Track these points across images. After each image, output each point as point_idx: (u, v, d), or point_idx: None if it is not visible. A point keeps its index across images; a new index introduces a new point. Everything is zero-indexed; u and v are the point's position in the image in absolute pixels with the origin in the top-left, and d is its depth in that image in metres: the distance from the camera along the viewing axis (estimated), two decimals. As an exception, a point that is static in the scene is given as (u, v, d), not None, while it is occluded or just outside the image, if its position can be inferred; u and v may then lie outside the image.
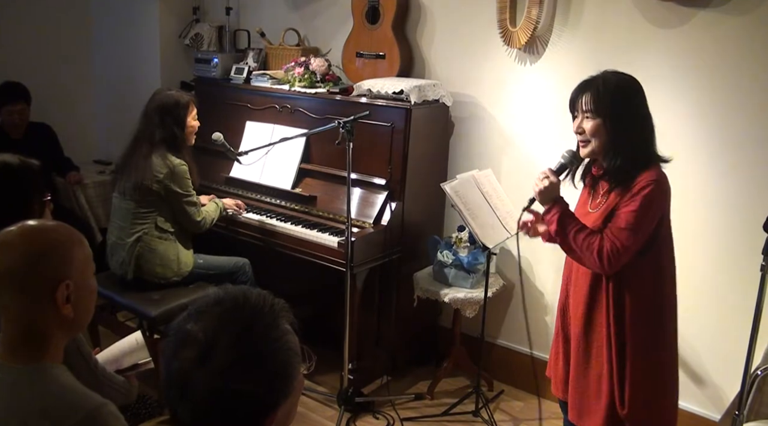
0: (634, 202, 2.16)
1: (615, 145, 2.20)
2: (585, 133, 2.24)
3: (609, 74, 2.25)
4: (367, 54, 3.80)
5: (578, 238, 2.22)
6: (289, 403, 1.13)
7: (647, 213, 2.16)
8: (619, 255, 2.16)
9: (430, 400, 3.55)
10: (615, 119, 2.19)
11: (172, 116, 3.29)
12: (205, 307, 1.12)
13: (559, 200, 2.29)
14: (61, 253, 1.47)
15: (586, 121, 2.23)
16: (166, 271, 3.30)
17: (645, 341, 2.25)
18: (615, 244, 2.16)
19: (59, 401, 1.40)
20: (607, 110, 2.19)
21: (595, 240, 2.19)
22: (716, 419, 2.98)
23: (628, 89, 2.23)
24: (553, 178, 2.29)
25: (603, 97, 2.19)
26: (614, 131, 2.19)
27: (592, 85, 2.23)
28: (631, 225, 2.15)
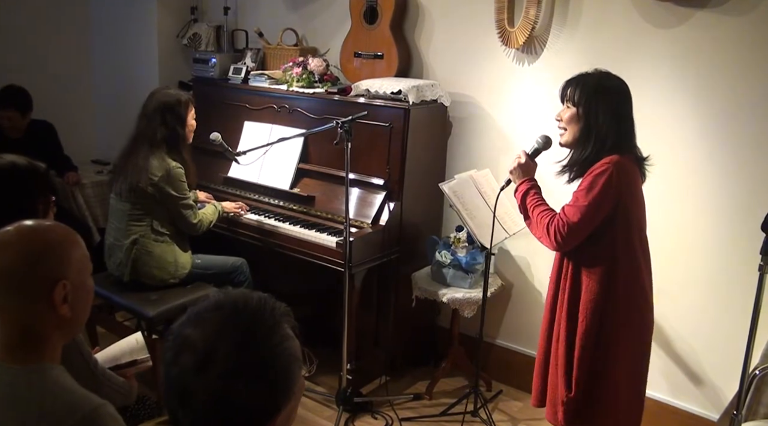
0: (584, 181, 2.31)
1: (585, 138, 2.34)
2: (562, 121, 2.41)
3: (598, 72, 2.40)
4: (365, 54, 3.80)
5: (535, 212, 2.41)
6: (290, 408, 1.13)
7: (595, 192, 2.26)
8: (565, 231, 2.29)
9: (429, 400, 3.55)
10: (589, 113, 2.32)
11: (174, 114, 3.28)
12: (204, 311, 1.11)
13: (531, 178, 2.49)
14: (58, 253, 1.46)
15: (566, 109, 2.39)
16: (162, 273, 3.30)
17: (592, 327, 2.34)
18: (561, 219, 2.31)
19: (57, 402, 1.39)
20: (584, 103, 2.33)
21: (548, 215, 2.36)
22: (715, 419, 2.99)
23: (610, 88, 2.35)
24: (524, 159, 2.51)
25: (584, 90, 2.34)
26: (587, 125, 2.33)
27: (580, 78, 2.38)
28: (578, 202, 2.29)
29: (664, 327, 3.19)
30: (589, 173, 2.30)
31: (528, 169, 2.54)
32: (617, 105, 2.34)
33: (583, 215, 2.27)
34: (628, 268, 2.35)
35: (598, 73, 2.39)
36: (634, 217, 2.35)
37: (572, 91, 2.38)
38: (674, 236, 3.08)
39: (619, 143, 2.32)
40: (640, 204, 2.40)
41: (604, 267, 2.32)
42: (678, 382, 3.20)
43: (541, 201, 2.45)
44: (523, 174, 2.53)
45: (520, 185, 2.52)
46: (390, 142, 3.40)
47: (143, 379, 2.68)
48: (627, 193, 2.30)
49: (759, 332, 2.24)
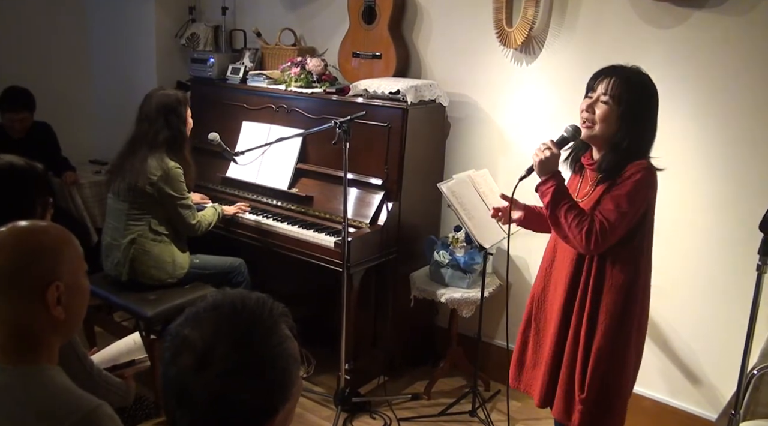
0: (624, 185, 2.19)
1: (619, 138, 2.22)
2: (594, 115, 2.23)
3: (638, 69, 2.25)
4: (364, 54, 3.80)
5: (569, 214, 2.23)
6: (288, 409, 1.12)
7: (636, 197, 2.19)
8: (606, 235, 2.19)
9: (427, 400, 3.55)
10: (630, 114, 2.19)
11: (176, 114, 3.29)
12: (203, 311, 1.11)
13: (557, 174, 2.28)
14: (51, 254, 1.46)
15: (601, 104, 2.22)
16: (160, 273, 3.29)
17: (613, 328, 2.30)
18: (603, 224, 2.18)
19: (55, 403, 1.39)
20: (628, 102, 2.19)
21: (585, 218, 2.21)
22: (713, 419, 2.99)
23: (652, 91, 2.25)
24: (555, 150, 2.27)
25: (630, 88, 2.19)
26: (624, 125, 2.20)
27: (623, 72, 2.22)
28: (620, 206, 2.19)
29: (662, 327, 3.19)
30: (627, 178, 2.20)
31: (556, 161, 2.29)
32: (655, 107, 2.25)
33: (623, 220, 2.19)
34: (647, 272, 2.34)
35: (638, 71, 2.25)
36: (653, 222, 2.33)
37: (615, 86, 2.19)
38: (673, 236, 3.08)
39: (649, 148, 2.28)
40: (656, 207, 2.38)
41: (628, 271, 2.27)
42: (676, 382, 3.20)
43: (573, 201, 2.28)
44: (549, 167, 2.29)
45: (548, 180, 2.28)
46: (388, 142, 3.40)
47: (141, 380, 2.68)
48: (654, 198, 2.28)
49: (757, 332, 2.24)
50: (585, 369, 2.34)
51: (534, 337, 2.55)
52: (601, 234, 2.18)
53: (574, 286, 2.36)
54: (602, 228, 2.18)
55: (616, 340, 2.31)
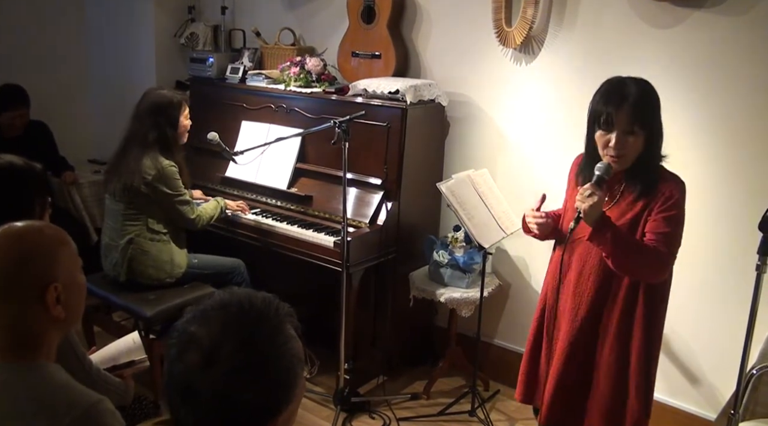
0: (673, 208, 2.19)
1: (649, 157, 2.22)
2: (625, 149, 2.18)
3: (635, 84, 2.19)
4: (363, 54, 3.80)
5: (639, 254, 2.18)
6: (291, 409, 1.13)
7: (682, 217, 2.23)
8: (671, 260, 2.22)
9: (426, 400, 3.55)
10: (652, 131, 2.20)
11: (165, 116, 3.27)
12: (210, 309, 1.11)
13: (607, 219, 2.19)
14: (47, 256, 1.46)
15: (629, 136, 2.16)
16: (159, 272, 3.29)
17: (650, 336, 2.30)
18: (669, 250, 2.19)
19: (55, 399, 1.39)
20: (648, 124, 2.18)
21: (652, 251, 2.17)
22: (712, 419, 2.99)
23: (656, 97, 2.23)
24: (600, 193, 2.15)
25: (645, 112, 2.16)
26: (650, 142, 2.20)
27: (627, 99, 2.15)
28: (675, 231, 2.21)
29: (661, 327, 3.19)
30: (669, 198, 2.18)
31: (601, 204, 2.17)
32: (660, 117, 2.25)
33: (680, 242, 2.23)
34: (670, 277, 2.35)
35: (639, 84, 2.19)
36: None
37: (638, 114, 2.14)
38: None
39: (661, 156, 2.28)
40: None
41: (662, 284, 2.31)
42: (675, 382, 3.20)
43: (634, 239, 2.21)
44: (598, 210, 2.16)
45: (602, 228, 2.16)
46: (387, 141, 3.40)
47: (140, 380, 2.68)
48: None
49: (756, 331, 2.24)
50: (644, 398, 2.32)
51: (546, 351, 2.50)
52: (670, 260, 2.21)
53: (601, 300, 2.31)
54: (670, 253, 2.20)
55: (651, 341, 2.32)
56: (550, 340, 2.48)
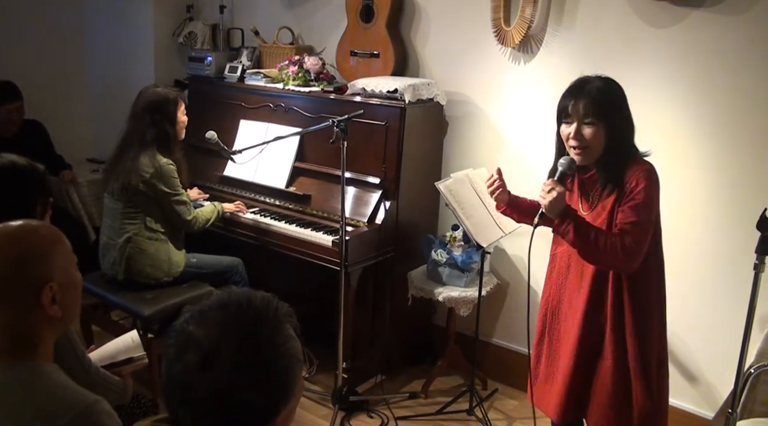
0: (638, 195, 2.18)
1: (614, 149, 2.22)
2: (584, 140, 2.21)
3: (597, 79, 2.25)
4: (362, 53, 3.80)
5: (599, 241, 2.19)
6: (289, 408, 1.13)
7: (651, 204, 2.20)
8: (639, 249, 2.18)
9: (425, 399, 3.55)
10: (613, 124, 2.20)
11: (162, 113, 3.27)
12: (208, 309, 1.11)
13: (569, 210, 2.24)
14: (42, 256, 1.46)
15: (586, 127, 2.20)
16: (156, 271, 3.29)
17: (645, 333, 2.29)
18: (634, 238, 2.17)
19: (52, 399, 1.39)
20: (606, 116, 2.19)
21: (616, 239, 2.17)
22: (710, 417, 2.99)
23: (618, 92, 2.26)
24: (560, 188, 2.21)
25: (602, 103, 2.19)
26: (611, 135, 2.21)
27: (585, 91, 2.22)
28: (642, 218, 2.18)
29: (659, 326, 3.20)
30: (635, 186, 2.18)
31: (563, 197, 2.23)
32: (625, 108, 2.26)
33: (649, 228, 2.21)
34: (662, 271, 2.35)
35: (598, 80, 2.25)
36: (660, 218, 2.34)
37: (592, 105, 2.18)
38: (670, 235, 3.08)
39: (633, 145, 2.27)
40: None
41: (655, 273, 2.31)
42: (673, 381, 3.18)
43: (596, 227, 2.23)
44: (560, 204, 2.22)
45: (564, 219, 2.22)
46: (386, 140, 3.40)
47: (139, 378, 2.68)
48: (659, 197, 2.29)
49: (754, 330, 2.25)
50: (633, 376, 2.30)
51: (547, 350, 2.49)
52: (635, 249, 2.17)
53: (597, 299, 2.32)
54: (635, 242, 2.17)
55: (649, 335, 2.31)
56: (551, 341, 2.49)
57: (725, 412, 2.31)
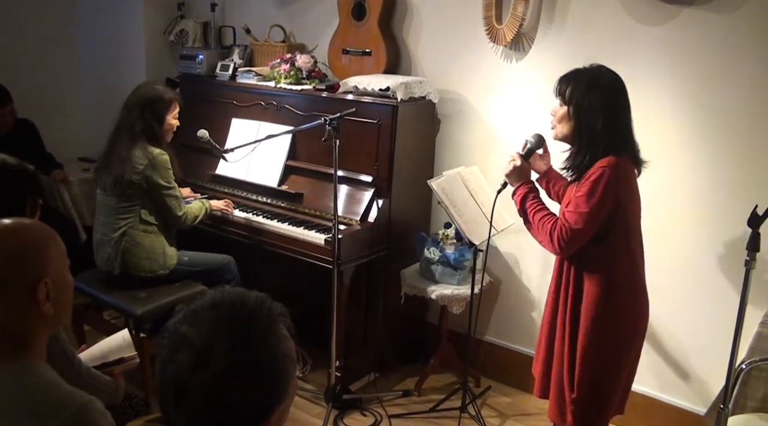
0: (584, 186, 2.25)
1: (580, 135, 2.30)
2: (555, 117, 2.37)
3: (593, 68, 2.34)
4: (354, 51, 3.79)
5: (536, 217, 2.35)
6: (283, 408, 1.13)
7: (593, 197, 2.23)
8: (569, 237, 2.25)
9: (418, 397, 3.56)
10: (580, 113, 2.28)
11: (152, 110, 3.26)
12: (201, 310, 1.10)
13: (528, 182, 2.43)
14: (37, 252, 1.46)
15: (558, 107, 2.35)
16: (153, 264, 3.28)
17: (595, 328, 2.32)
18: (564, 226, 2.26)
19: (47, 399, 1.39)
20: (575, 102, 2.29)
21: (550, 221, 2.31)
22: (702, 413, 3.00)
23: (602, 86, 2.30)
24: (518, 162, 2.44)
25: (575, 89, 2.29)
26: (578, 125, 2.29)
27: (573, 75, 2.34)
28: (579, 208, 2.24)
29: (651, 322, 3.18)
30: (587, 178, 2.25)
31: (524, 171, 2.47)
32: (608, 102, 2.28)
33: (585, 222, 2.23)
34: (628, 269, 2.34)
35: (592, 69, 2.33)
36: (633, 218, 2.34)
37: (564, 87, 2.32)
38: (661, 232, 3.10)
39: (612, 142, 2.27)
40: (638, 204, 2.37)
41: (604, 268, 2.30)
42: (665, 377, 3.22)
43: (541, 205, 2.38)
44: (519, 177, 2.45)
45: (517, 189, 2.44)
46: (378, 139, 3.39)
47: (130, 378, 2.67)
48: (625, 194, 2.28)
49: (745, 327, 2.26)
50: (573, 370, 2.36)
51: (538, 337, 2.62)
52: (563, 235, 2.26)
53: (558, 288, 2.43)
54: (563, 229, 2.26)
55: (601, 339, 2.33)
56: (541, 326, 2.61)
57: (717, 408, 2.32)
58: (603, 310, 2.31)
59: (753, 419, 2.43)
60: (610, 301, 2.32)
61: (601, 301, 2.31)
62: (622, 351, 2.37)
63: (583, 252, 2.31)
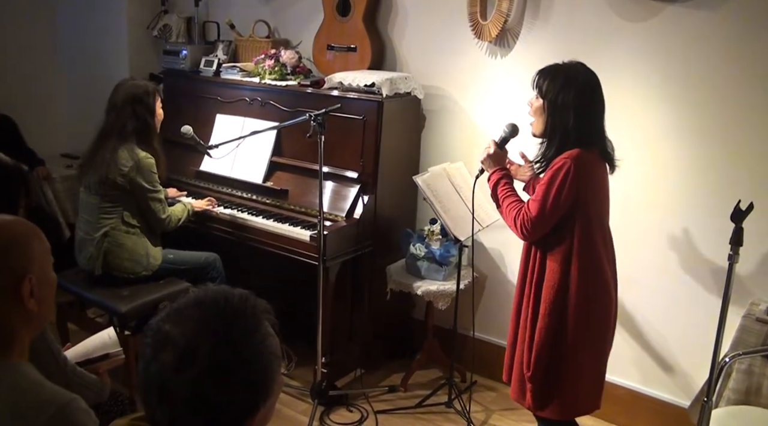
0: (546, 176, 2.34)
1: (551, 131, 2.37)
2: (531, 109, 2.44)
3: (570, 64, 2.40)
4: (338, 46, 3.78)
5: (505, 203, 2.47)
6: (269, 405, 1.12)
7: (552, 188, 2.31)
8: (530, 224, 2.37)
9: (404, 392, 3.56)
10: (554, 107, 2.35)
11: (143, 105, 3.25)
12: (184, 308, 1.10)
13: (502, 168, 2.54)
14: (21, 249, 1.46)
15: (534, 100, 2.42)
16: (135, 266, 3.26)
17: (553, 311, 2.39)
18: (526, 213, 2.37)
19: (29, 398, 1.38)
20: (550, 96, 2.35)
21: (516, 207, 2.42)
22: (685, 406, 3.03)
23: (577, 82, 2.35)
24: (493, 150, 2.58)
25: (551, 83, 2.35)
26: (552, 118, 2.36)
27: (550, 70, 2.40)
28: (539, 197, 2.34)
29: (635, 316, 3.23)
30: (550, 168, 2.33)
31: (498, 158, 2.60)
32: (582, 99, 2.33)
33: (545, 210, 2.33)
34: (587, 258, 2.39)
35: (570, 66, 2.38)
36: (594, 210, 2.39)
37: (541, 81, 2.40)
38: (645, 226, 3.12)
39: (583, 138, 2.33)
40: (602, 197, 2.42)
41: (564, 256, 2.38)
42: (649, 371, 3.24)
43: (511, 191, 2.50)
44: (494, 163, 2.58)
45: (491, 174, 2.57)
46: (364, 135, 3.39)
47: (116, 376, 2.66)
48: (586, 187, 2.33)
49: (728, 320, 2.27)
50: (531, 349, 2.45)
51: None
52: (526, 222, 2.37)
53: (524, 275, 2.52)
54: (525, 216, 2.37)
55: (558, 324, 2.39)
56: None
57: (701, 401, 2.34)
58: (562, 296, 2.38)
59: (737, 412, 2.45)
60: (569, 289, 2.38)
61: (561, 288, 2.38)
62: (578, 341, 2.40)
63: (546, 240, 2.41)
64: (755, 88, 2.79)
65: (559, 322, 2.40)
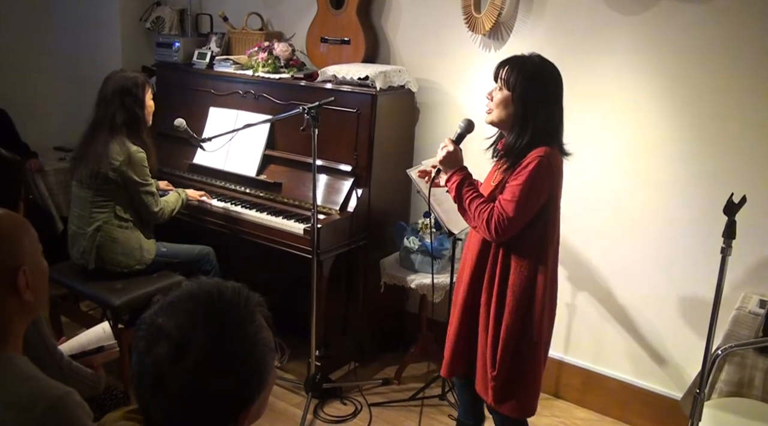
0: (521, 176, 2.26)
1: (521, 122, 2.30)
2: (491, 101, 2.36)
3: (535, 56, 2.34)
4: (332, 39, 3.77)
5: (472, 205, 2.35)
6: (262, 398, 1.13)
7: (532, 187, 2.25)
8: (506, 226, 2.27)
9: (398, 385, 3.57)
10: (525, 100, 2.28)
11: (132, 96, 3.23)
12: (178, 301, 1.10)
13: (462, 168, 2.42)
14: (14, 240, 1.46)
15: (498, 91, 2.34)
16: (128, 259, 3.25)
17: (520, 309, 2.35)
18: (502, 214, 2.27)
19: (23, 391, 1.38)
20: (519, 89, 2.28)
21: (487, 209, 2.31)
22: (678, 398, 3.05)
23: (547, 75, 2.32)
24: (450, 147, 2.44)
25: (520, 75, 2.29)
26: (522, 112, 2.29)
27: (517, 61, 2.33)
28: (517, 197, 2.25)
29: (628, 308, 3.24)
30: (524, 167, 2.26)
31: (457, 157, 2.45)
32: (550, 95, 2.31)
33: (521, 210, 2.26)
34: (553, 257, 2.39)
35: (534, 58, 2.34)
36: (557, 207, 2.39)
37: (508, 73, 2.30)
38: (637, 218, 3.13)
39: (549, 133, 2.31)
40: (561, 193, 2.42)
41: (533, 252, 2.34)
42: (641, 363, 3.26)
43: (477, 193, 2.39)
44: (453, 163, 2.45)
45: (452, 176, 2.43)
46: (357, 128, 3.39)
47: (110, 369, 2.65)
48: (557, 184, 2.33)
49: (721, 312, 2.29)
50: (496, 349, 2.39)
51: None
52: (500, 224, 2.27)
53: (480, 271, 2.43)
54: (500, 218, 2.27)
55: (524, 322, 2.36)
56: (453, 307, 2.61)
57: (693, 393, 2.36)
58: (529, 294, 2.35)
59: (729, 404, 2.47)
60: (536, 286, 2.35)
61: (528, 286, 2.34)
62: (540, 340, 2.40)
63: (513, 242, 2.34)
64: (748, 81, 2.80)
65: (524, 321, 2.36)
